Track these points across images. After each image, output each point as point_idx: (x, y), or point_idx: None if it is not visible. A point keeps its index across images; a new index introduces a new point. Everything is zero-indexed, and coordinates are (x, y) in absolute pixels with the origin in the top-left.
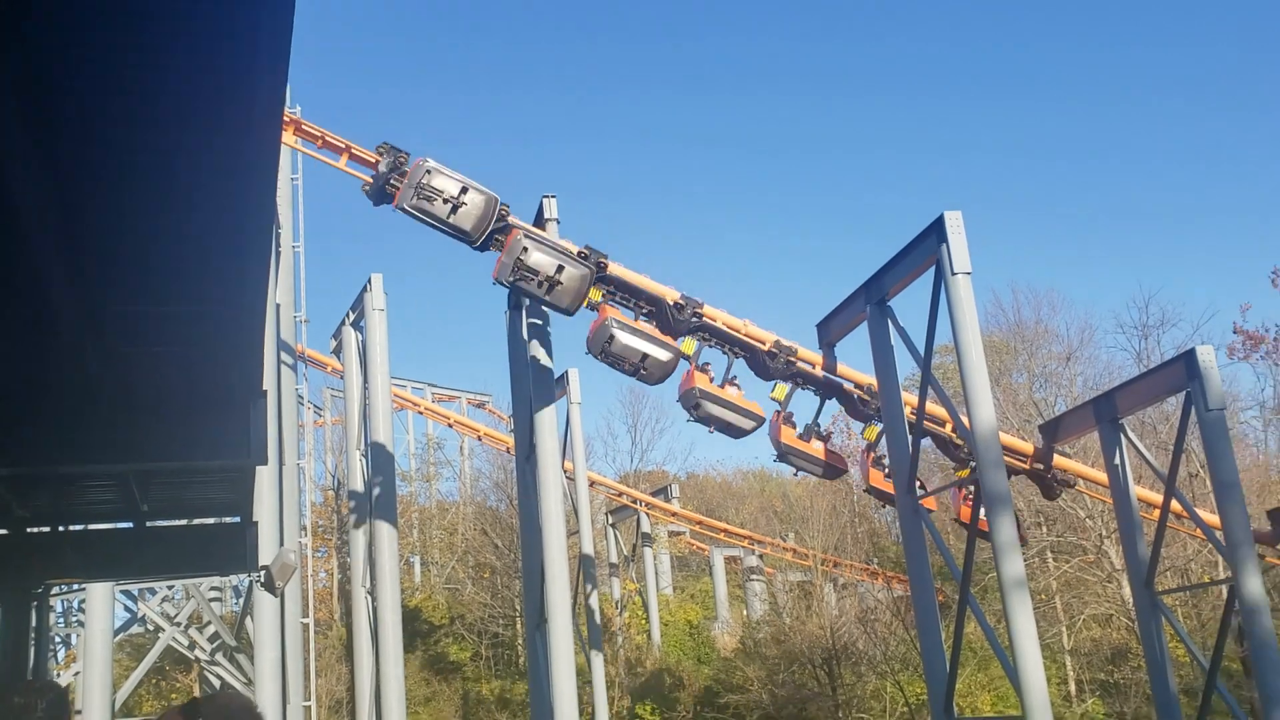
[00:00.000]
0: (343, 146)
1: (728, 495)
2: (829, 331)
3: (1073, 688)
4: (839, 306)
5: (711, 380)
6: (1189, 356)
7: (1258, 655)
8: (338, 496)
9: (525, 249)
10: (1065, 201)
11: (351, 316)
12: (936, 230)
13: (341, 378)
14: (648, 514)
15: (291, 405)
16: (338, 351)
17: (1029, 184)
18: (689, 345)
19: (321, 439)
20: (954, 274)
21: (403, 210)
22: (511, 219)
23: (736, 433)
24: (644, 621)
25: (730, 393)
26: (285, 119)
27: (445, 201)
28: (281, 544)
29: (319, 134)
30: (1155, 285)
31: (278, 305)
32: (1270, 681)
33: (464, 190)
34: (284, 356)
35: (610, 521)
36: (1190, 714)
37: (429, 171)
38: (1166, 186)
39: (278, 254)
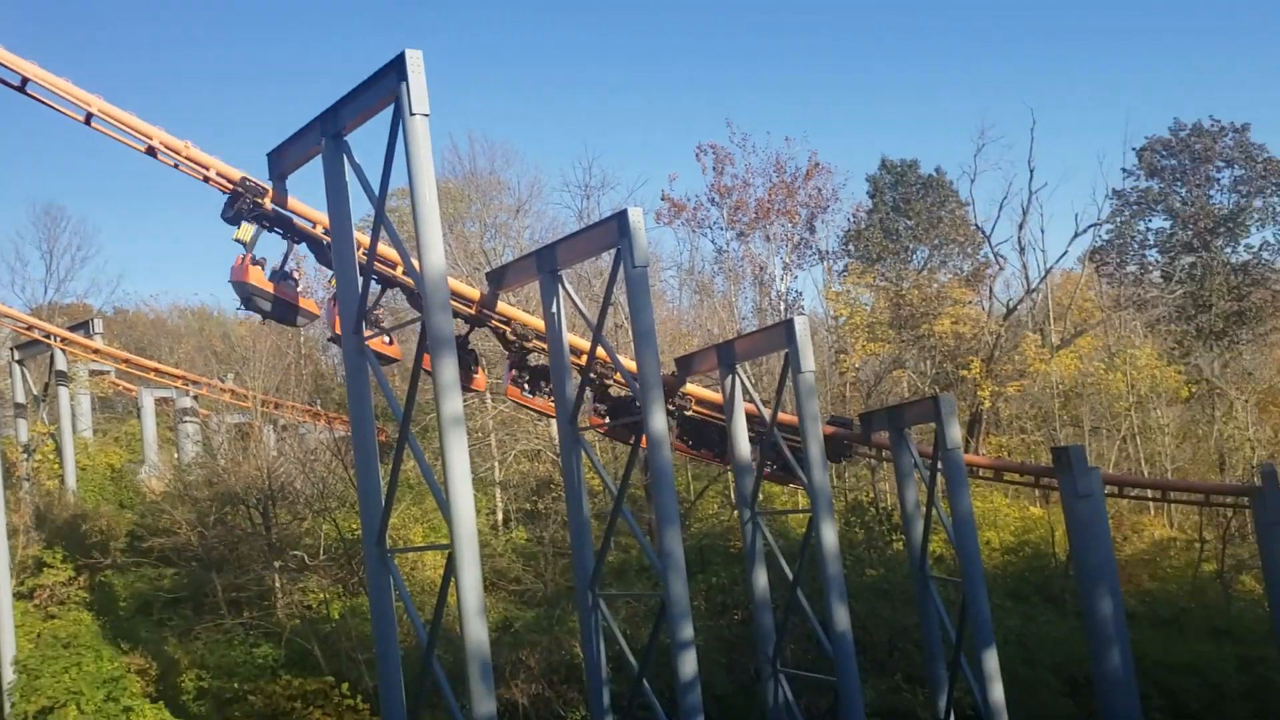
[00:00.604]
0: None
1: (161, 333)
2: (281, 162)
3: (500, 517)
4: (293, 136)
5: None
6: (621, 217)
7: (656, 481)
8: None
9: None
10: (525, 56)
11: None
12: (397, 68)
13: None
14: (64, 351)
15: None
16: None
17: (492, 32)
18: (246, 231)
19: None
20: (412, 114)
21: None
22: None
23: (289, 325)
24: (57, 466)
25: (285, 288)
26: None
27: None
28: None
29: None
30: (600, 149)
31: None
32: (664, 503)
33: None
34: None
35: (17, 358)
36: (599, 535)
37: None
38: (613, 57)
39: None
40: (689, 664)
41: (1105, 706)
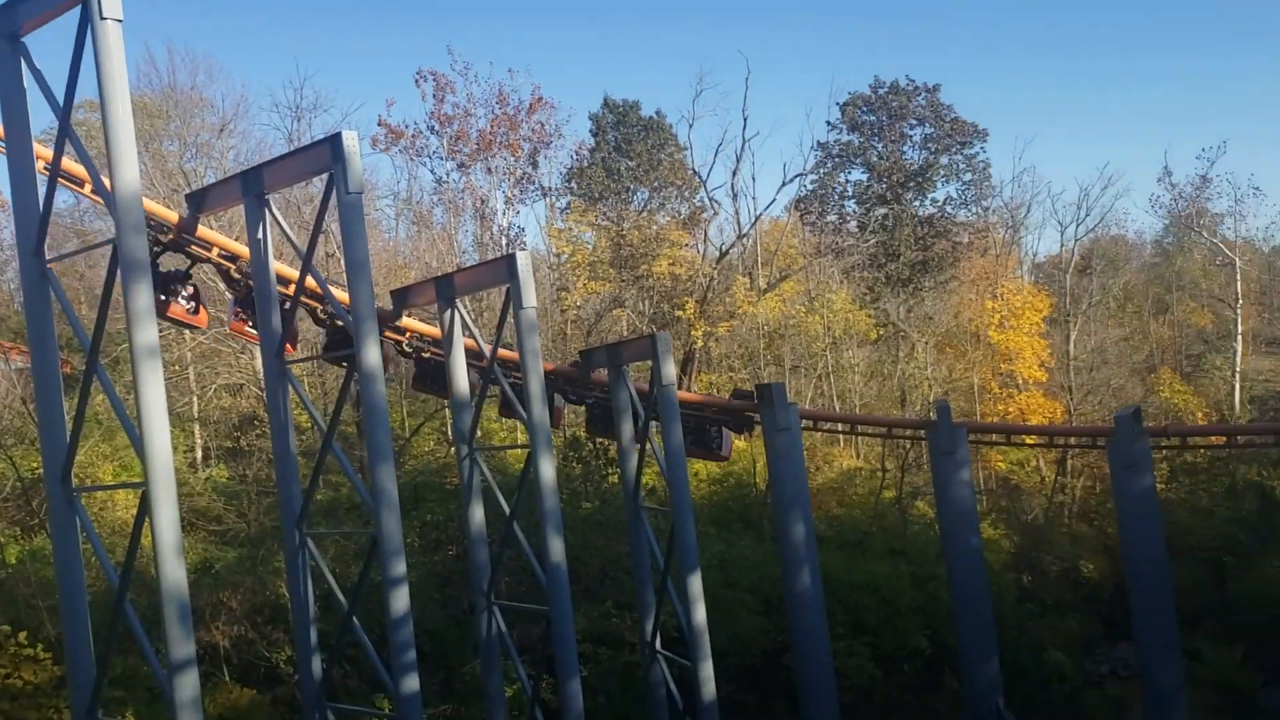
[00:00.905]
0: None
1: None
2: None
3: (199, 454)
4: None
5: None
6: (334, 140)
7: (369, 417)
8: None
9: None
10: None
11: None
12: None
13: None
14: None
15: None
16: None
17: None
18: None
19: None
20: (103, 19)
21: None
22: None
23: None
24: None
25: (176, 306)
26: None
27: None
28: None
29: None
30: (312, 68)
31: None
32: (378, 439)
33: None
34: None
35: None
36: (307, 473)
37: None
38: None
39: None
40: (401, 600)
41: (796, 623)
